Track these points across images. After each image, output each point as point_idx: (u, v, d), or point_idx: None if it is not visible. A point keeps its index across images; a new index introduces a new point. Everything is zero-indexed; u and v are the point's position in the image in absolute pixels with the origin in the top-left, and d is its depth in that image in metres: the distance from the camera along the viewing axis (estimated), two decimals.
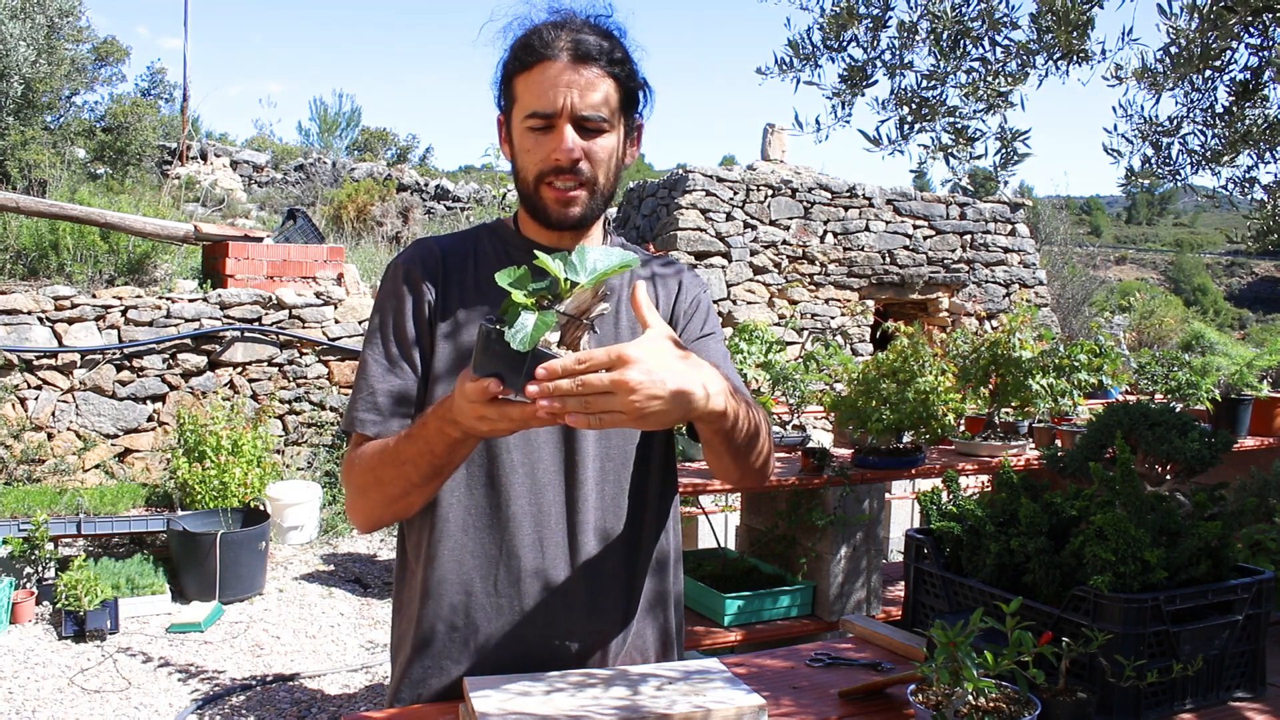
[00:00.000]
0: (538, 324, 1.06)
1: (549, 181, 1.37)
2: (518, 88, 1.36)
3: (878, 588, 3.29)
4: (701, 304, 1.58)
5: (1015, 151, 2.09)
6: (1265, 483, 1.76)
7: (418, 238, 1.49)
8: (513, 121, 1.39)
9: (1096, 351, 3.48)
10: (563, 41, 1.33)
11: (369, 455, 1.37)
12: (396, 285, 1.45)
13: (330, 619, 5.06)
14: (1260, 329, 22.38)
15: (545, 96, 1.33)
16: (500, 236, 1.51)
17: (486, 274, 1.45)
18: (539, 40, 1.33)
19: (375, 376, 1.42)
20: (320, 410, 6.91)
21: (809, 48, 2.06)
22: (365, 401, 1.41)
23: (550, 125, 1.34)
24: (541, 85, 1.33)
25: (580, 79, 1.33)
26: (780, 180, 9.76)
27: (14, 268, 7.23)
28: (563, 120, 1.33)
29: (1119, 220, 67.72)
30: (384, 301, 1.46)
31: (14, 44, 9.37)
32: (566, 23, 1.36)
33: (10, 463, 6.02)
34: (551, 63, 1.32)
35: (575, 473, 1.45)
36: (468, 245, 1.49)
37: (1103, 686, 1.35)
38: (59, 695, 4.03)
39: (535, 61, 1.33)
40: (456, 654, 1.46)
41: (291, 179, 13.39)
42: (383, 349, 1.43)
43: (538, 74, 1.33)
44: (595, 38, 1.34)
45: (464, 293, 1.45)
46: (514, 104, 1.38)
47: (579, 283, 1.09)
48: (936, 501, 1.77)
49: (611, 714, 1.21)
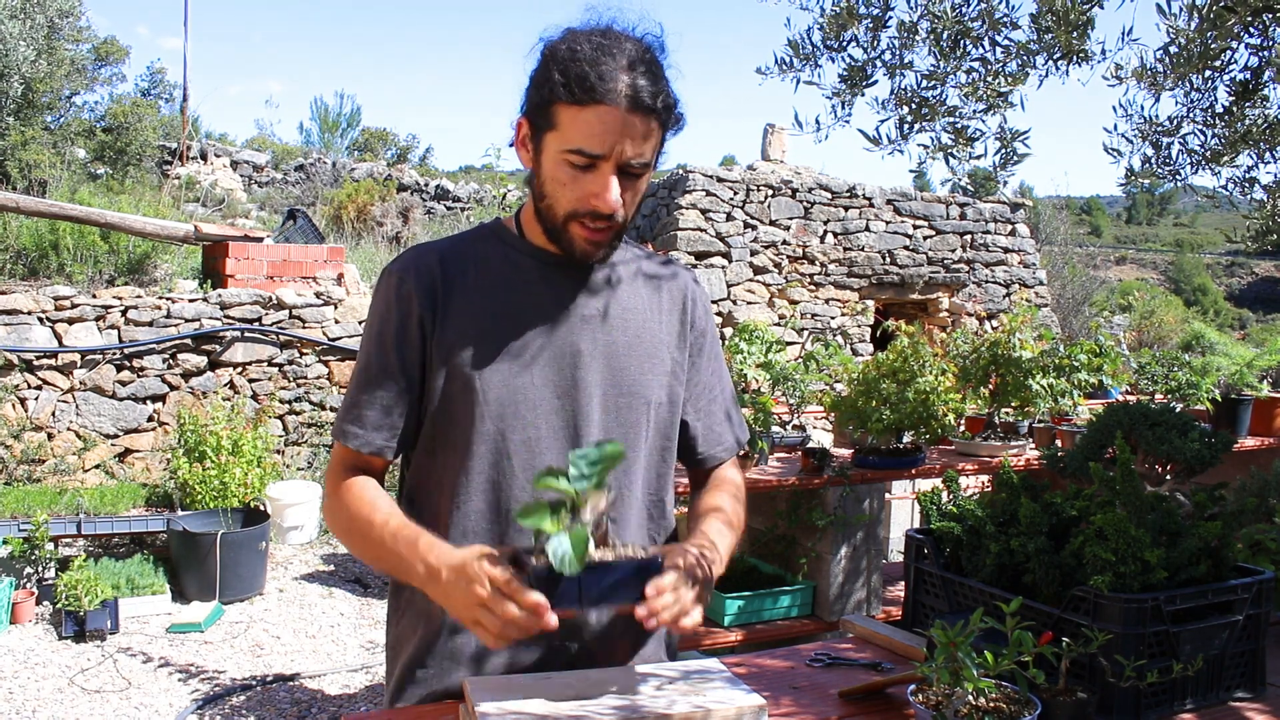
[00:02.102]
0: (575, 544, 1.13)
1: (581, 220, 1.35)
2: (562, 116, 1.31)
3: (878, 588, 3.29)
4: (709, 331, 1.58)
5: (1015, 151, 2.09)
6: (1265, 483, 1.76)
7: (414, 244, 1.50)
8: (546, 142, 1.34)
9: (1096, 351, 3.48)
10: (622, 86, 1.28)
11: (350, 509, 1.40)
12: (389, 296, 1.43)
13: (330, 619, 5.06)
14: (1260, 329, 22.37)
15: (596, 139, 1.30)
16: (504, 240, 1.48)
17: (489, 278, 1.44)
18: (597, 78, 1.28)
19: (361, 389, 1.44)
20: (320, 410, 6.91)
21: (809, 48, 2.06)
22: (350, 414, 1.44)
23: (593, 165, 1.31)
24: (593, 127, 1.29)
25: (634, 129, 1.30)
26: (780, 180, 9.76)
27: (14, 268, 7.23)
28: (610, 166, 1.32)
29: (1119, 220, 67.70)
30: (375, 313, 1.46)
31: (14, 44, 9.37)
32: (623, 52, 1.30)
33: (10, 463, 6.02)
34: (608, 108, 1.28)
35: None
36: (467, 248, 1.47)
37: (1103, 686, 1.35)
38: (59, 695, 4.03)
39: (591, 101, 1.28)
40: (456, 655, 1.46)
41: (291, 179, 13.39)
42: (370, 362, 1.44)
43: (591, 114, 1.29)
44: (649, 83, 1.30)
45: (465, 296, 1.42)
46: (553, 129, 1.33)
47: (587, 488, 1.18)
48: (936, 501, 1.77)
49: (611, 714, 1.21)
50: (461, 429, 1.41)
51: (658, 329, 1.50)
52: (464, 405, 1.41)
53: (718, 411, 1.59)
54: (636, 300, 1.49)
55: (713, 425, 1.59)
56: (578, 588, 1.15)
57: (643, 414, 1.47)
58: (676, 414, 1.54)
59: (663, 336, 1.50)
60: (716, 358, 1.60)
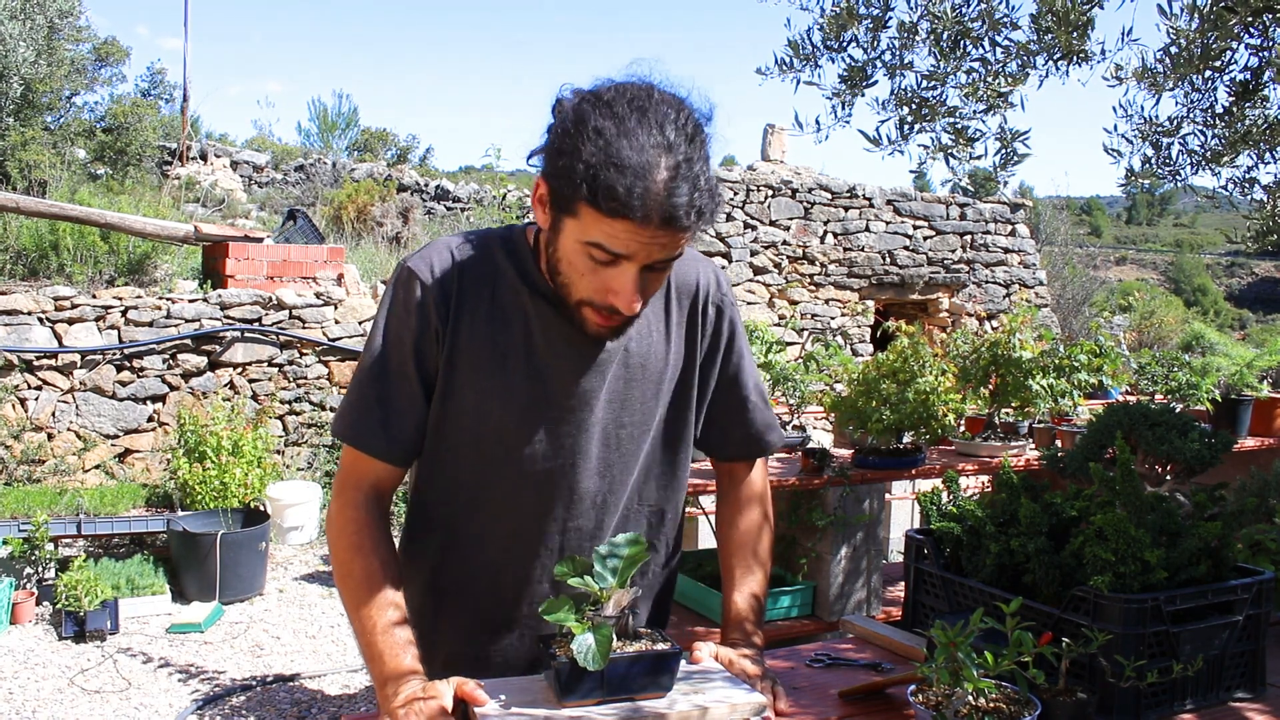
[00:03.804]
0: (600, 642, 1.18)
1: (597, 309, 1.28)
2: (586, 215, 1.19)
3: (878, 588, 3.29)
4: (725, 329, 1.52)
5: (1015, 152, 2.09)
6: (1265, 483, 1.76)
7: (433, 241, 1.41)
8: (565, 224, 1.23)
9: (1096, 352, 3.48)
10: (656, 204, 1.15)
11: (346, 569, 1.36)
12: (408, 302, 1.36)
13: (330, 619, 5.06)
14: (1260, 329, 22.38)
15: (620, 243, 1.19)
16: (519, 265, 1.39)
17: (497, 306, 1.37)
18: (627, 193, 1.14)
19: (378, 392, 1.38)
20: (320, 411, 6.91)
21: (809, 48, 2.06)
22: (368, 420, 1.38)
23: (615, 262, 1.22)
24: (619, 236, 1.18)
25: (665, 239, 1.20)
26: (780, 180, 9.76)
27: (14, 268, 7.23)
28: (634, 267, 1.22)
29: (1119, 220, 67.69)
30: (391, 315, 1.38)
31: (14, 44, 9.37)
32: (663, 162, 1.16)
33: (10, 463, 6.02)
34: (637, 226, 1.16)
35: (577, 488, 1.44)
36: (485, 264, 1.39)
37: (1103, 687, 1.35)
38: (59, 695, 4.03)
39: (619, 216, 1.16)
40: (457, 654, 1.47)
41: (291, 179, 13.38)
42: (389, 366, 1.38)
43: (619, 226, 1.17)
44: (688, 198, 1.16)
45: (473, 323, 1.37)
46: (574, 218, 1.21)
47: (611, 585, 1.23)
48: (936, 502, 1.77)
49: (611, 714, 1.21)
50: (452, 448, 1.42)
51: (665, 349, 1.45)
52: (455, 428, 1.41)
53: (741, 411, 1.55)
54: (645, 325, 1.43)
55: (732, 427, 1.56)
56: (601, 679, 1.20)
57: (643, 440, 1.46)
58: (688, 427, 1.52)
59: (671, 357, 1.46)
60: (739, 354, 1.53)
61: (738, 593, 1.53)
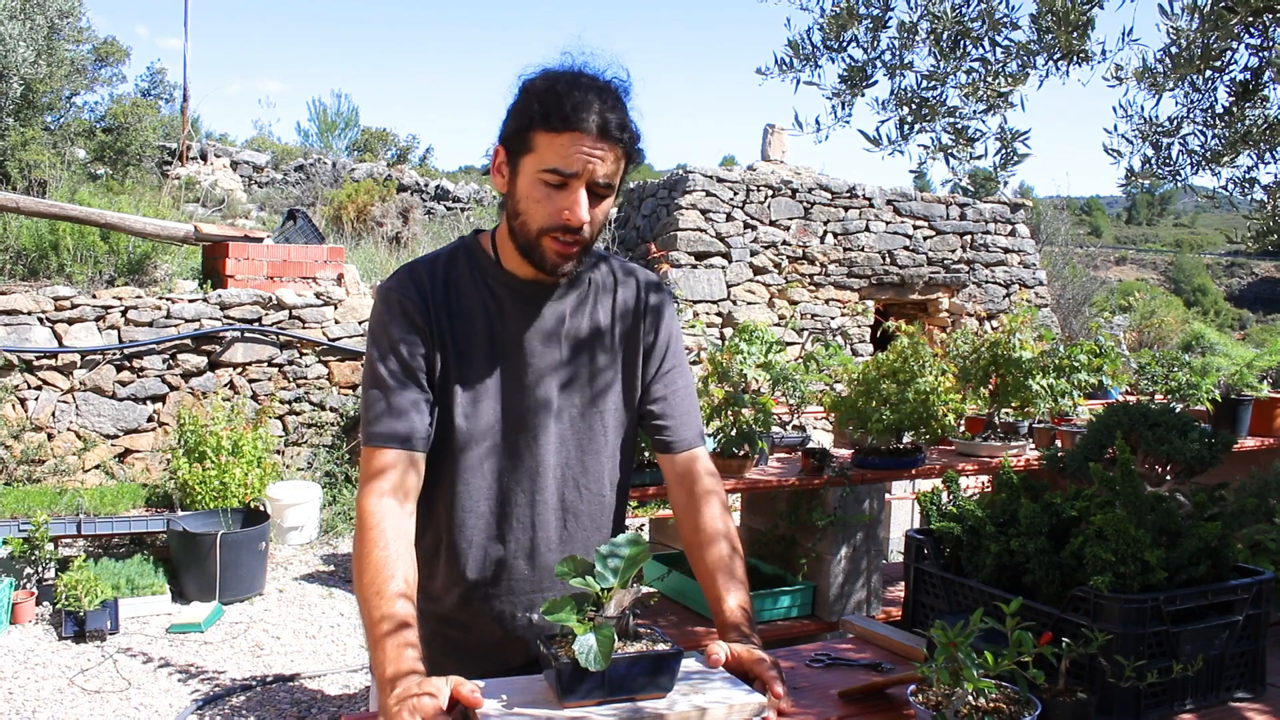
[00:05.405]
0: (601, 643, 1.20)
1: (554, 235, 1.47)
2: (538, 141, 1.45)
3: (878, 588, 3.29)
4: (662, 331, 1.67)
5: (1015, 152, 2.09)
6: (1265, 483, 1.76)
7: (402, 265, 1.62)
8: (522, 165, 1.47)
9: (1096, 352, 3.48)
10: (593, 115, 1.43)
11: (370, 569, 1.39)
12: (392, 310, 1.52)
13: (330, 619, 5.06)
14: (1260, 329, 22.36)
15: (569, 159, 1.43)
16: (479, 264, 1.57)
17: (464, 302, 1.54)
18: (571, 107, 1.43)
19: (389, 393, 1.49)
20: (320, 410, 6.91)
21: (809, 48, 2.06)
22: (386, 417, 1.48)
23: (565, 184, 1.45)
24: (567, 150, 1.43)
25: (601, 152, 1.44)
26: (780, 180, 9.76)
27: (14, 268, 7.23)
28: (579, 184, 1.45)
29: (1119, 220, 67.67)
30: (382, 328, 1.52)
31: (14, 44, 9.37)
32: (594, 90, 1.45)
33: (10, 463, 6.02)
34: (580, 134, 1.43)
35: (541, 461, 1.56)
36: (446, 270, 1.56)
37: (1103, 687, 1.35)
38: (59, 695, 4.03)
39: (565, 128, 1.43)
40: (456, 656, 1.47)
41: (291, 179, 13.38)
42: (392, 369, 1.50)
43: (565, 139, 1.43)
44: (617, 116, 1.46)
45: (446, 319, 1.53)
46: (529, 152, 1.46)
47: (612, 585, 1.25)
48: (936, 502, 1.77)
49: (612, 714, 1.21)
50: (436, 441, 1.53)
51: (611, 343, 1.62)
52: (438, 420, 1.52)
53: (681, 402, 1.68)
54: (596, 319, 1.61)
55: (675, 413, 1.67)
56: (602, 679, 1.22)
57: (599, 426, 1.61)
58: (633, 420, 1.65)
59: (617, 349, 1.63)
60: (676, 355, 1.69)
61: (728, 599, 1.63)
